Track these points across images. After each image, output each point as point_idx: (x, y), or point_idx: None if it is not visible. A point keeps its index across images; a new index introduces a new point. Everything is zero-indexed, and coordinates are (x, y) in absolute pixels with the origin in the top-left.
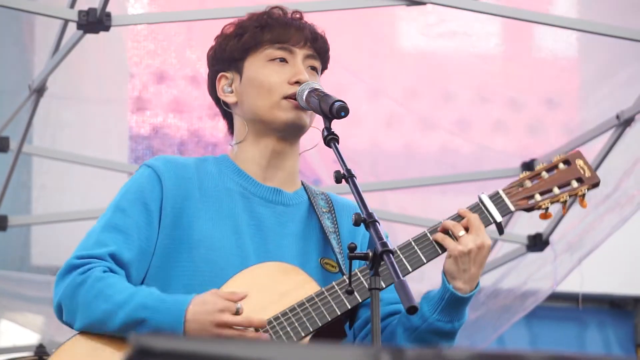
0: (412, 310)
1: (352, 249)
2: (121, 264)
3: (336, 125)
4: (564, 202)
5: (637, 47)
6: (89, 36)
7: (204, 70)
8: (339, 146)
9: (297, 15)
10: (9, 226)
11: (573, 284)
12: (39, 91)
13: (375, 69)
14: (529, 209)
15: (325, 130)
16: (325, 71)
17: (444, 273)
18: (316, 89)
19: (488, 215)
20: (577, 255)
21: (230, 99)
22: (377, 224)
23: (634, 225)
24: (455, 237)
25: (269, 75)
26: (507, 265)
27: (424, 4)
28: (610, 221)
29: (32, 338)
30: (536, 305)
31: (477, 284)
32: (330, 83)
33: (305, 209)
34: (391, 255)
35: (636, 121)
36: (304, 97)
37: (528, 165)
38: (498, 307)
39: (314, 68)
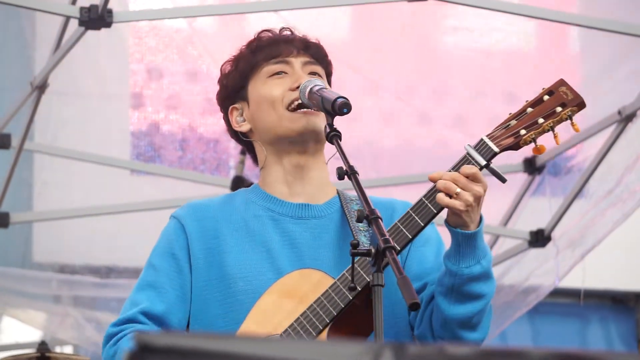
0: (414, 306)
1: (354, 245)
2: (155, 318)
3: (336, 120)
4: (551, 130)
5: (639, 42)
6: (91, 33)
7: (205, 66)
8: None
9: (286, 32)
10: (11, 223)
11: (575, 280)
12: (41, 88)
13: (375, 64)
14: (514, 146)
15: (327, 126)
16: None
17: (449, 224)
18: (317, 86)
19: (474, 163)
20: (579, 251)
21: (244, 127)
22: (380, 220)
23: (636, 220)
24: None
25: (271, 90)
26: (509, 261)
27: None
28: (612, 217)
29: (34, 335)
30: (538, 301)
31: (481, 216)
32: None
33: (338, 218)
34: (394, 251)
35: (638, 117)
36: (307, 95)
37: (530, 161)
38: (500, 303)
39: (315, 73)
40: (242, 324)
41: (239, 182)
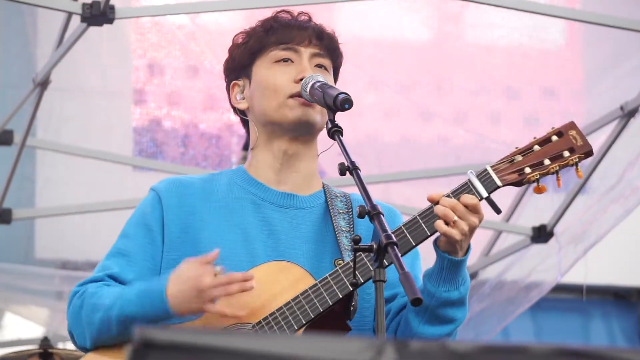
0: (416, 302)
1: (356, 240)
2: (123, 283)
3: (337, 116)
4: (556, 173)
5: None
6: (93, 29)
7: (207, 62)
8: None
9: (304, 17)
10: (13, 219)
11: (577, 276)
12: (43, 84)
13: (377, 60)
14: (517, 183)
15: (329, 122)
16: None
17: (437, 247)
18: (320, 82)
19: (475, 193)
20: (582, 247)
21: (241, 105)
22: (382, 216)
23: (638, 216)
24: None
25: (274, 76)
26: (511, 257)
27: None
28: (614, 212)
29: (36, 331)
30: (541, 297)
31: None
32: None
33: (321, 211)
34: (395, 247)
35: None
36: (308, 90)
37: None
38: (503, 299)
39: (321, 66)
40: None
41: None
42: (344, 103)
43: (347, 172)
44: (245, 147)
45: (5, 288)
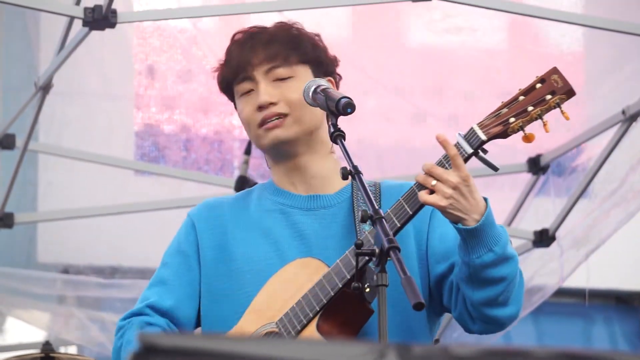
0: (418, 306)
1: (358, 245)
2: (162, 312)
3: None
4: (539, 118)
5: None
6: (95, 33)
7: (209, 67)
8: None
9: (254, 30)
10: (15, 223)
11: (579, 280)
12: (45, 88)
13: (380, 64)
14: (502, 134)
15: (331, 126)
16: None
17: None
18: (321, 86)
19: (462, 151)
20: (584, 251)
21: None
22: (384, 220)
23: None
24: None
25: (244, 110)
26: None
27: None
28: (617, 216)
29: (38, 335)
30: (543, 301)
31: (485, 205)
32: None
33: (349, 206)
34: (398, 251)
35: None
36: (310, 95)
37: (534, 161)
38: None
39: (281, 78)
40: (244, 314)
41: (243, 182)
42: (347, 107)
43: (350, 177)
44: (247, 151)
45: (7, 292)
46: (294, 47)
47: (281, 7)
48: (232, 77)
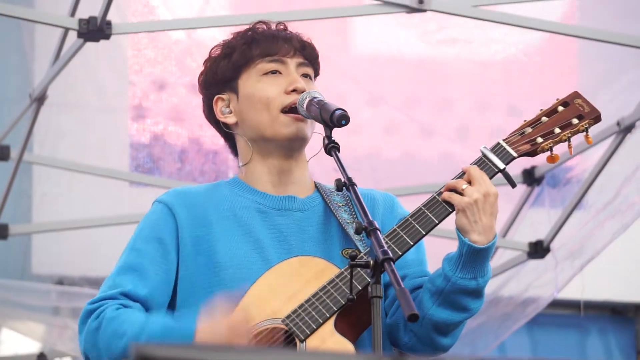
0: (412, 318)
1: (352, 257)
2: (137, 300)
3: (336, 132)
4: (567, 140)
5: (637, 53)
6: (90, 44)
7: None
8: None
9: (282, 27)
10: (10, 235)
11: (574, 291)
12: (40, 99)
13: (376, 76)
14: (532, 153)
15: (326, 138)
16: (324, 79)
17: (458, 230)
18: (317, 98)
19: (491, 165)
20: (578, 262)
21: (230, 119)
22: (378, 231)
23: (634, 232)
24: (460, 192)
25: (265, 89)
26: (508, 273)
27: (424, 11)
28: (611, 228)
29: (33, 347)
30: (537, 313)
31: (495, 236)
32: (330, 91)
33: (321, 210)
34: (392, 263)
35: (637, 128)
36: (305, 106)
37: (529, 172)
38: (499, 315)
39: (307, 75)
40: (238, 307)
41: None
42: (341, 119)
43: (344, 188)
44: None
45: (1, 303)
46: (317, 55)
47: (278, 19)
48: (259, 55)
